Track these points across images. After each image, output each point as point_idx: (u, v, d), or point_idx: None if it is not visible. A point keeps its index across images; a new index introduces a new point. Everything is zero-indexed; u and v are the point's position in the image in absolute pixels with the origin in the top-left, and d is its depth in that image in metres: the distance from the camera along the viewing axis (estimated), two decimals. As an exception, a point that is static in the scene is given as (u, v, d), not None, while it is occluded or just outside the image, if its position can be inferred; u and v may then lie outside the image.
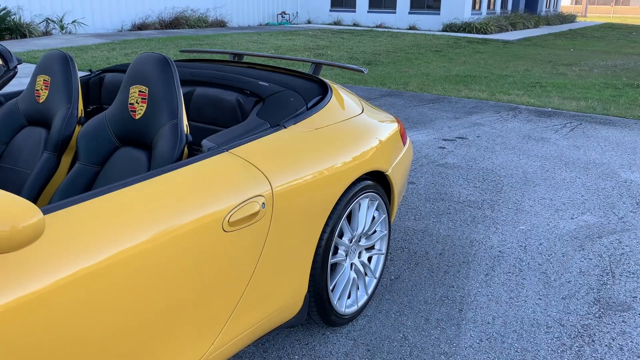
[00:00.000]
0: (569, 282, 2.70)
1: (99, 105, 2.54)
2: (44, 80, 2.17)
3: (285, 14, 23.21)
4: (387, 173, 2.30)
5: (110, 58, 10.01)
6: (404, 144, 2.59)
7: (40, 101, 2.18)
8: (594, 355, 2.15)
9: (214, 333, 1.62)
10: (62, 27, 14.95)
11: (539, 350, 2.17)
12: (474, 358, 2.12)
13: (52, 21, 14.71)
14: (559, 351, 2.17)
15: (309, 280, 2.02)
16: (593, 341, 2.23)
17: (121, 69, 2.50)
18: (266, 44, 13.08)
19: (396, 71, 9.86)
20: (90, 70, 2.58)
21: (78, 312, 1.21)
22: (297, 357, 2.11)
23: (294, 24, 23.02)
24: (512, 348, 2.19)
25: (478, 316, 2.40)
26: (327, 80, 2.45)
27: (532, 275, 2.75)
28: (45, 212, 1.21)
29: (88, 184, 1.85)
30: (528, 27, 23.47)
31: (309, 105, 2.14)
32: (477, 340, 2.23)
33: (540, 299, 2.54)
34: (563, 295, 2.57)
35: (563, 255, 2.97)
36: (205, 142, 1.73)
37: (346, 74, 9.26)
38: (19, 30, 13.12)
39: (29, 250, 1.14)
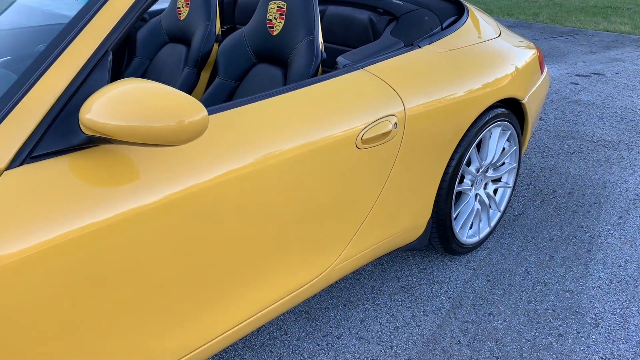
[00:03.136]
0: None
1: (233, 25, 2.61)
2: (185, -3, 2.26)
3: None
4: (523, 101, 2.18)
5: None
6: (542, 72, 2.42)
7: (181, 18, 2.27)
8: None
9: (342, 246, 1.68)
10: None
11: (677, 299, 2.03)
12: (602, 299, 2.02)
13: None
14: (701, 302, 2.01)
15: (433, 206, 2.00)
16: None
17: (255, -12, 2.52)
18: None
19: (525, 0, 9.13)
20: (224, -10, 2.64)
21: (227, 209, 1.29)
22: (415, 279, 2.14)
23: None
24: (646, 293, 2.06)
25: (608, 258, 2.27)
26: (462, 1, 2.32)
27: (673, 222, 2.54)
28: None
29: (227, 98, 1.93)
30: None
31: (444, 25, 2.05)
32: (607, 282, 2.12)
33: (682, 247, 2.35)
34: None
35: None
36: (340, 59, 1.72)
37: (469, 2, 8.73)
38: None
39: (189, 146, 1.23)
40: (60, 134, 1.07)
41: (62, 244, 1.04)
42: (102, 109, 1.01)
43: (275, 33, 1.83)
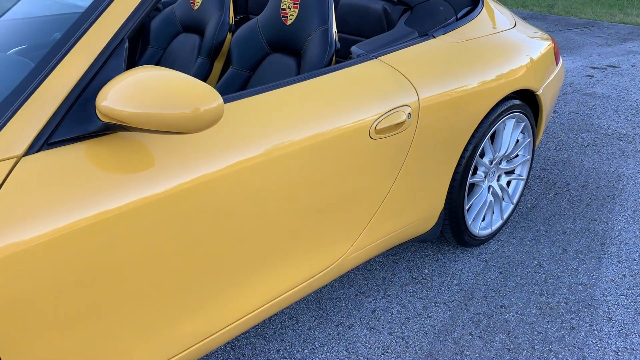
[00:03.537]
0: None
1: (246, 15, 2.60)
2: (198, -13, 2.26)
3: None
4: (537, 93, 2.16)
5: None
6: (557, 64, 2.39)
7: (195, 8, 2.27)
8: None
9: (354, 236, 1.68)
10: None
11: (692, 293, 2.01)
12: (615, 293, 2.01)
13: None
14: None
15: (446, 197, 1.99)
16: None
17: (268, -23, 2.51)
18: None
19: (540, -7, 9.02)
20: (238, -20, 2.63)
21: (240, 198, 1.29)
22: (426, 270, 2.14)
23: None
24: (660, 287, 2.04)
25: (622, 252, 2.25)
26: (478, -9, 2.29)
27: (689, 216, 2.51)
28: None
29: (240, 87, 1.93)
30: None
31: (459, 15, 2.03)
32: (620, 276, 2.10)
33: (698, 241, 2.32)
34: None
35: None
36: (354, 49, 1.72)
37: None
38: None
39: (203, 135, 1.23)
40: (77, 121, 1.07)
41: (78, 230, 1.05)
42: (118, 96, 1.02)
43: (289, 22, 1.83)
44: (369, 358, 1.72)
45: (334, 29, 1.76)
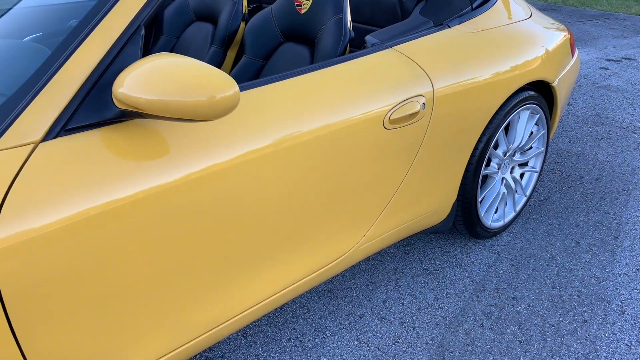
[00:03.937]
0: None
1: (259, 4, 2.60)
2: (212, -25, 2.25)
3: None
4: (553, 84, 2.14)
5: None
6: (572, 55, 2.37)
7: (208, -4, 2.27)
8: None
9: (367, 226, 1.68)
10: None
11: None
12: (629, 286, 2.00)
13: None
14: None
15: (459, 189, 1.99)
16: None
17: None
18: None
19: (554, -16, 8.91)
20: (251, -31, 2.62)
21: (253, 187, 1.30)
22: (438, 262, 2.13)
23: None
24: (674, 282, 2.02)
25: (636, 245, 2.23)
26: (493, -19, 2.27)
27: None
28: None
29: (254, 76, 1.93)
30: None
31: (474, 5, 2.01)
32: (634, 269, 2.09)
33: None
34: None
35: None
36: (368, 38, 1.71)
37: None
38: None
39: (217, 123, 1.23)
40: (93, 108, 1.08)
41: (94, 216, 1.06)
42: (135, 83, 1.02)
43: (303, 11, 1.82)
44: (379, 348, 1.73)
45: (349, 17, 1.75)
